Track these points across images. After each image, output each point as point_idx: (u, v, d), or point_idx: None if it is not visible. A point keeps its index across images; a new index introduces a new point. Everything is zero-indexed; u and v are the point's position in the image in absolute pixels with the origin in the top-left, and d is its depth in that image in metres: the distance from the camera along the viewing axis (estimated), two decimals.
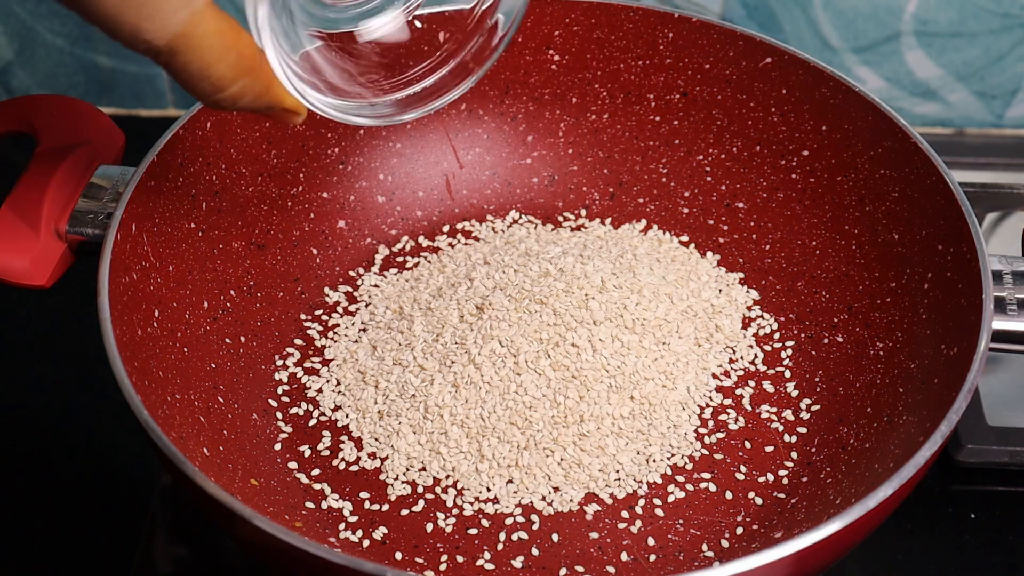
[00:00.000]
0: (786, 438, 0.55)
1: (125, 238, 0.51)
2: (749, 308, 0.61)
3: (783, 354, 0.59)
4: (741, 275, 0.62)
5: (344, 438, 0.55)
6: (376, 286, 0.62)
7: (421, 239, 0.64)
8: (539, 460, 0.53)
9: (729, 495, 0.53)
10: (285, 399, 0.57)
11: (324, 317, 0.60)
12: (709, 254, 0.63)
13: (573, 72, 0.65)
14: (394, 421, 0.55)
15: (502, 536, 0.51)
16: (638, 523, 0.52)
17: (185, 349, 0.54)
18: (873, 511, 0.42)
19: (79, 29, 0.77)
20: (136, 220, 0.52)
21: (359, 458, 0.55)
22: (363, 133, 0.63)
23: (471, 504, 0.53)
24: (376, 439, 0.55)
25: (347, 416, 0.56)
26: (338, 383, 0.57)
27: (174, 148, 0.55)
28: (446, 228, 0.65)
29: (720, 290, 0.61)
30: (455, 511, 0.52)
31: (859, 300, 0.58)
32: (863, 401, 0.54)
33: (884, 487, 0.42)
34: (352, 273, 0.63)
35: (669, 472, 0.54)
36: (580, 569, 0.50)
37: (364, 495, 0.53)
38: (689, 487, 0.53)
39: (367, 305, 0.61)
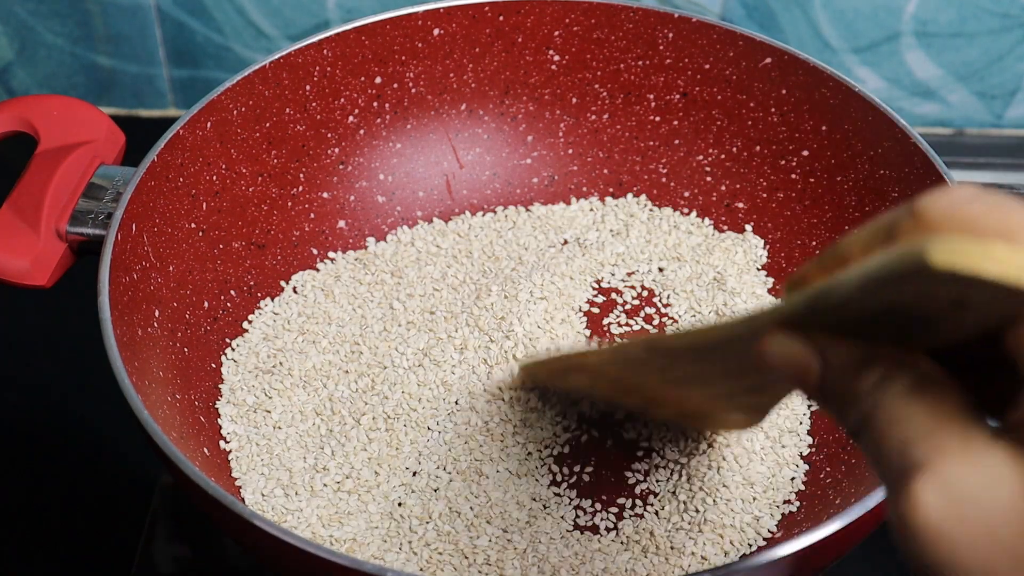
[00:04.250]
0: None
1: (125, 238, 0.51)
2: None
3: None
4: None
5: None
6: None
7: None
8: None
9: None
10: None
11: None
12: None
13: (573, 72, 0.65)
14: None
15: None
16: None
17: (185, 349, 0.54)
18: (873, 511, 0.42)
19: (79, 29, 0.77)
20: (136, 220, 0.52)
21: None
22: (363, 133, 0.63)
23: None
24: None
25: None
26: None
27: (174, 148, 0.55)
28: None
29: None
30: None
31: None
32: None
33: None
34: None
35: None
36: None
37: None
38: None
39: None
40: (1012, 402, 0.24)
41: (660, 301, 0.60)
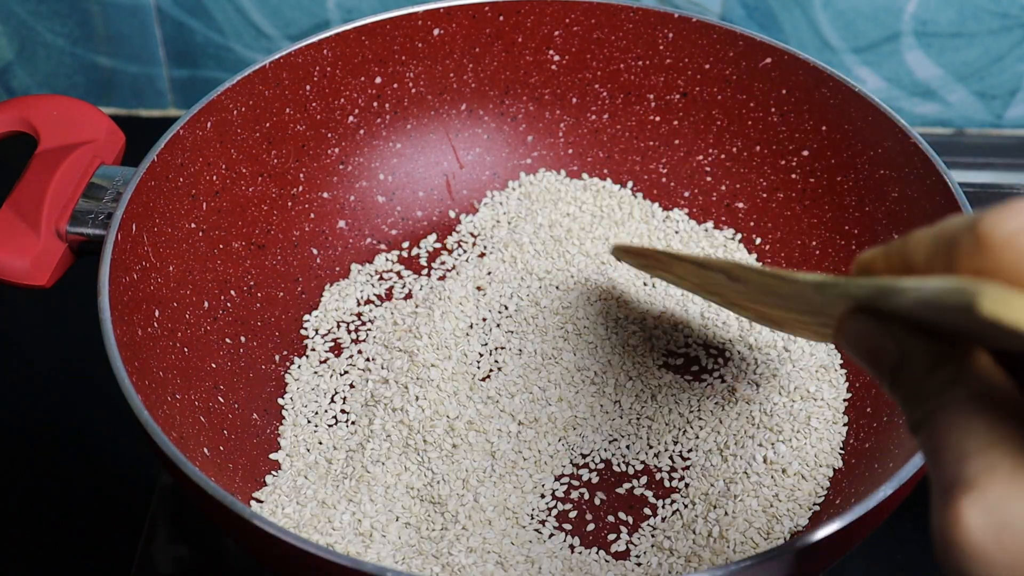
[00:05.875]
0: None
1: (125, 238, 0.51)
2: None
3: None
4: None
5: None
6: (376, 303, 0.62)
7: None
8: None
9: None
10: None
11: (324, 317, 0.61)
12: None
13: (573, 72, 0.65)
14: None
15: None
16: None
17: (185, 349, 0.54)
18: (873, 511, 0.42)
19: (79, 29, 0.77)
20: (136, 220, 0.52)
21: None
22: (363, 133, 0.63)
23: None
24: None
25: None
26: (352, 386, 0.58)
27: (174, 148, 0.55)
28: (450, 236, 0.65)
29: None
30: None
31: None
32: (863, 401, 0.54)
33: (884, 487, 0.42)
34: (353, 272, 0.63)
35: None
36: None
37: None
38: None
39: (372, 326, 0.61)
40: None
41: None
